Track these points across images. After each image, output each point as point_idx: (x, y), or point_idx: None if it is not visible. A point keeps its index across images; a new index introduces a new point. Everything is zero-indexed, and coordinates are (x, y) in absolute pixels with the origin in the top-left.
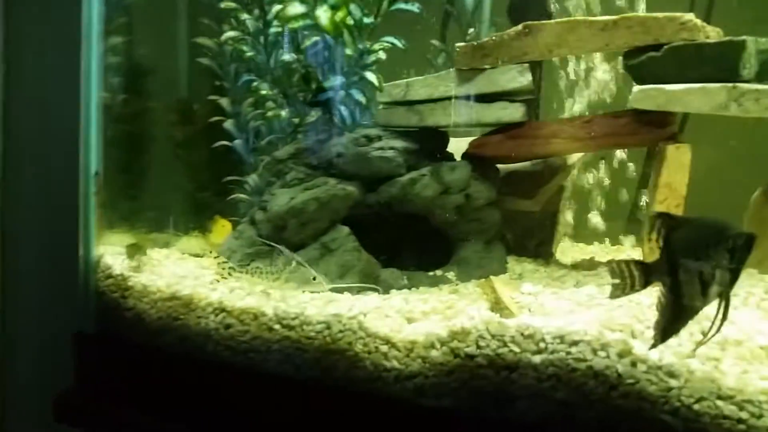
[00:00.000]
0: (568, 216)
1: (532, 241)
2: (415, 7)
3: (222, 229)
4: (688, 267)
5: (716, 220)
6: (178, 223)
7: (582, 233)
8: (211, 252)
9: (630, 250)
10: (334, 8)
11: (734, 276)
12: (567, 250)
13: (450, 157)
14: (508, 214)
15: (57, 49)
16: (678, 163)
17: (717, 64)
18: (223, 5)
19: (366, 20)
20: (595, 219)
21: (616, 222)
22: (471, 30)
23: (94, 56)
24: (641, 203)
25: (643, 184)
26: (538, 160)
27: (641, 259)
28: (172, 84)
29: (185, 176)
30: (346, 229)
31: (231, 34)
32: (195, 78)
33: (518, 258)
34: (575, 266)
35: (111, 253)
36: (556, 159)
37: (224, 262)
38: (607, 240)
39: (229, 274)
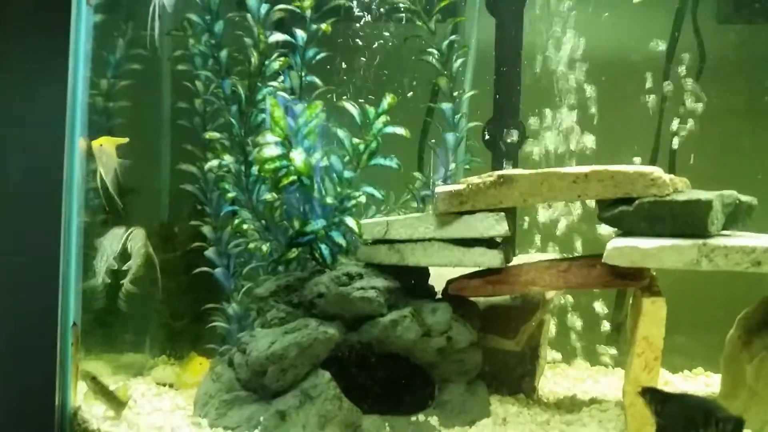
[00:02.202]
0: (547, 350)
1: (514, 377)
2: (393, 163)
3: (198, 367)
4: None
5: (704, 400)
6: (154, 348)
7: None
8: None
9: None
10: (309, 150)
11: None
12: (549, 377)
13: (430, 291)
14: (489, 352)
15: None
16: (654, 318)
17: (686, 220)
18: (207, 135)
19: (346, 174)
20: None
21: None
22: (452, 166)
23: (75, 183)
24: (620, 321)
25: (618, 305)
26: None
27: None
28: (153, 207)
29: (163, 301)
30: (327, 375)
31: (214, 163)
32: (177, 201)
33: (501, 397)
34: (558, 405)
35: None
36: (536, 294)
37: None
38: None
39: None
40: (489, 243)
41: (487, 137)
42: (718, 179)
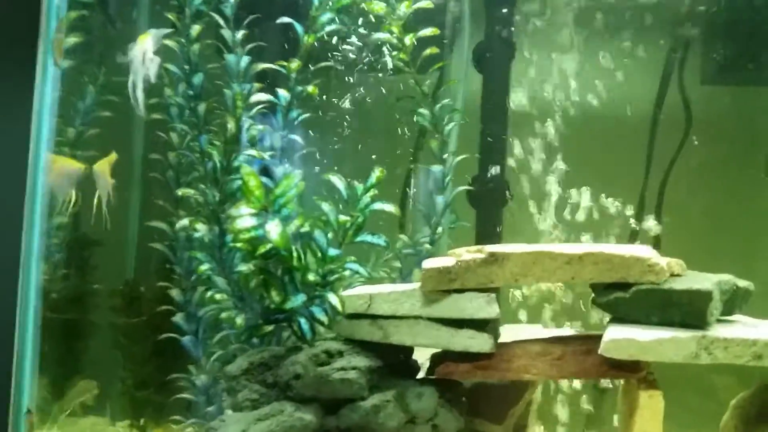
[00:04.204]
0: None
1: None
2: (381, 241)
3: None
4: None
5: None
6: (109, 413)
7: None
8: None
9: None
10: (286, 220)
11: None
12: None
13: (414, 368)
14: None
15: None
16: (652, 412)
17: (685, 310)
18: (180, 192)
19: (331, 252)
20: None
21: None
22: (439, 229)
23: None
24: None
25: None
26: None
27: None
28: (118, 263)
29: (126, 369)
30: None
31: (185, 222)
32: (144, 259)
33: None
34: None
35: None
36: None
37: None
38: None
39: None
40: (478, 324)
41: (471, 196)
42: (704, 242)
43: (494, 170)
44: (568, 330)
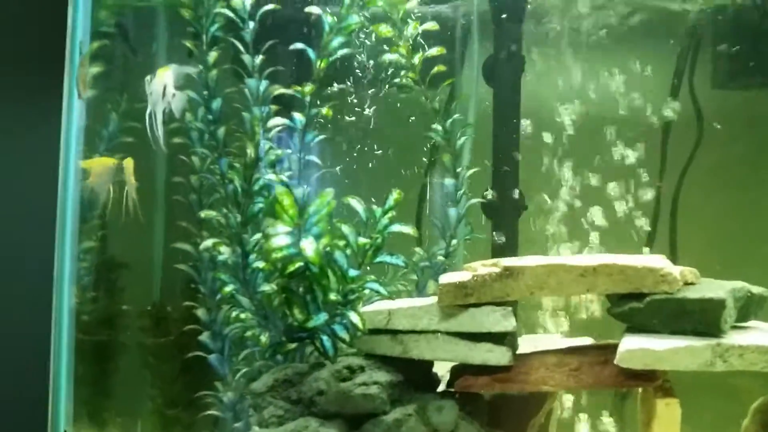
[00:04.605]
0: None
1: None
2: (400, 261)
3: None
4: None
5: None
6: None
7: None
8: None
9: None
10: (318, 237)
11: None
12: None
13: (435, 381)
14: None
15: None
16: (668, 420)
17: (699, 318)
18: (203, 214)
19: (351, 272)
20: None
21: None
22: (454, 242)
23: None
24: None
25: None
26: None
27: None
28: (145, 285)
29: (155, 388)
30: None
31: (209, 243)
32: (170, 281)
33: None
34: None
35: None
36: None
37: None
38: None
39: None
40: (496, 338)
41: (487, 205)
42: (715, 245)
43: (508, 181)
44: (585, 339)
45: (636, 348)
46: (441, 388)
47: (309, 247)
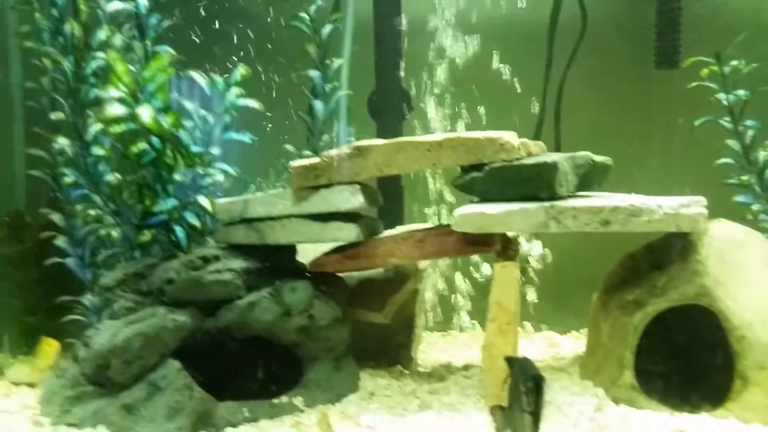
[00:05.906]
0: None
1: (391, 349)
2: (246, 138)
3: (47, 348)
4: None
5: (526, 361)
6: (7, 347)
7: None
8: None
9: None
10: (160, 112)
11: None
12: (435, 344)
13: (296, 269)
14: (361, 326)
15: None
16: (505, 282)
17: (535, 183)
18: (53, 116)
19: (194, 148)
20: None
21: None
22: (324, 136)
23: None
24: None
25: None
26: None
27: None
28: (5, 195)
29: (15, 296)
30: (176, 365)
31: (64, 141)
32: (32, 189)
33: (374, 370)
34: (431, 374)
35: None
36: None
37: None
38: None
39: None
40: (349, 217)
41: (371, 108)
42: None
43: (393, 83)
44: None
45: (470, 212)
46: None
47: (145, 113)
